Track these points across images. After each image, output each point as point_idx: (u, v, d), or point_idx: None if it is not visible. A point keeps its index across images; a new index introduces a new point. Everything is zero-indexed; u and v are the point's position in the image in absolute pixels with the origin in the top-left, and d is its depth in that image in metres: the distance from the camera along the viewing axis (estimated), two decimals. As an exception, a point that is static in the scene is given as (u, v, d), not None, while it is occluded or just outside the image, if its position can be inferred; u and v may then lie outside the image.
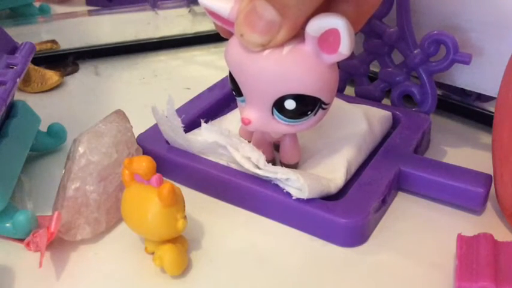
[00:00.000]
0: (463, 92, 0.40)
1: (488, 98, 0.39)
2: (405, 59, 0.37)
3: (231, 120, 0.36)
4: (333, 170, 0.31)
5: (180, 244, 0.28)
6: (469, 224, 0.30)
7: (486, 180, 0.31)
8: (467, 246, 0.27)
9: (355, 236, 0.29)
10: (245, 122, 0.29)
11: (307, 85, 0.27)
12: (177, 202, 0.27)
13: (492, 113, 0.36)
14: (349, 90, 0.41)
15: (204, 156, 0.33)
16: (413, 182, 0.32)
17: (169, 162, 0.34)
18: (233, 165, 0.32)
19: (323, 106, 0.28)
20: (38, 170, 0.36)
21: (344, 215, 0.29)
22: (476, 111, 0.40)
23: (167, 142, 0.35)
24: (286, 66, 0.26)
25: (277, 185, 0.30)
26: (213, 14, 0.28)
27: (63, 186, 0.30)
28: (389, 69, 0.38)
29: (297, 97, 0.27)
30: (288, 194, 0.30)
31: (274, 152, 0.33)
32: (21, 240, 0.29)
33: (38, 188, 0.34)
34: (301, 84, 0.27)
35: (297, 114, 0.28)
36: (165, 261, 0.27)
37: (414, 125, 0.36)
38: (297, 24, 0.26)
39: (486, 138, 0.38)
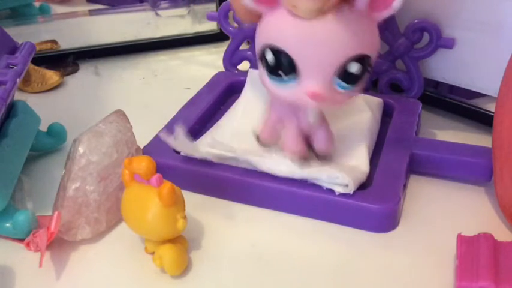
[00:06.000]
0: (437, 84, 0.42)
1: (462, 91, 0.40)
2: (390, 48, 0.39)
3: (230, 126, 0.36)
4: (357, 158, 0.32)
5: (180, 244, 0.28)
6: (469, 224, 0.30)
7: (490, 153, 0.32)
8: (467, 246, 0.27)
9: (389, 221, 0.30)
10: (313, 95, 0.27)
11: (368, 44, 0.27)
12: (177, 202, 0.27)
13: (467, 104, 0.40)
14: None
15: (223, 162, 0.33)
16: (426, 163, 0.33)
17: (184, 172, 0.32)
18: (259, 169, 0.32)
19: (369, 68, 0.28)
20: (38, 170, 0.36)
21: (379, 202, 0.29)
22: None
23: (175, 151, 0.34)
24: (350, 26, 0.26)
25: (305, 183, 0.31)
26: None
27: (63, 186, 0.30)
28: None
29: (359, 58, 0.27)
30: (322, 190, 0.30)
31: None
32: (21, 240, 0.29)
33: (38, 188, 0.34)
34: (364, 43, 0.27)
35: (358, 78, 0.28)
36: (165, 261, 0.27)
37: (409, 110, 0.37)
38: None
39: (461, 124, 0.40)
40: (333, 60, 0.27)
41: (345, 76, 0.27)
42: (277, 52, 0.27)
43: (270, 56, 0.27)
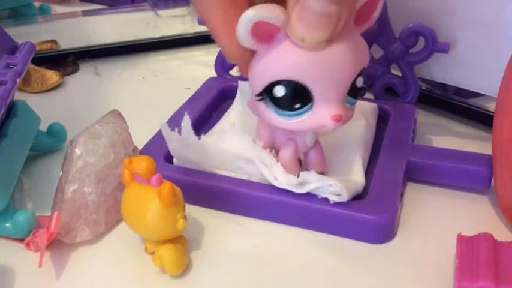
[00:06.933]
0: (443, 87, 0.42)
1: (468, 93, 0.40)
2: (385, 53, 0.39)
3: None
4: (352, 170, 0.32)
5: (180, 244, 0.28)
6: (469, 224, 0.30)
7: (489, 160, 0.31)
8: (467, 246, 0.27)
9: (386, 232, 0.30)
10: (337, 118, 0.27)
11: (366, 56, 0.28)
12: (177, 202, 0.27)
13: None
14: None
15: (218, 171, 0.32)
16: (422, 171, 0.33)
17: (179, 184, 0.30)
18: (254, 179, 0.31)
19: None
20: (38, 170, 0.36)
21: (376, 213, 0.29)
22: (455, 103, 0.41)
23: (165, 159, 0.33)
24: (352, 44, 0.27)
25: (300, 193, 0.30)
26: (257, 31, 0.25)
27: (61, 188, 0.30)
28: (370, 63, 0.39)
29: (362, 72, 0.28)
30: (317, 200, 0.29)
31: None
32: (21, 240, 0.29)
33: (37, 188, 0.34)
34: (364, 56, 0.28)
35: (361, 90, 0.28)
36: (165, 261, 0.27)
37: (405, 116, 0.37)
38: (354, 6, 0.25)
39: (459, 126, 0.40)
40: (347, 80, 0.27)
41: (353, 92, 0.28)
42: (291, 86, 0.26)
43: (281, 92, 0.27)
